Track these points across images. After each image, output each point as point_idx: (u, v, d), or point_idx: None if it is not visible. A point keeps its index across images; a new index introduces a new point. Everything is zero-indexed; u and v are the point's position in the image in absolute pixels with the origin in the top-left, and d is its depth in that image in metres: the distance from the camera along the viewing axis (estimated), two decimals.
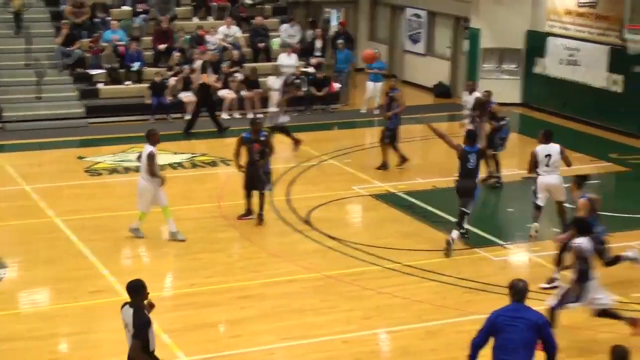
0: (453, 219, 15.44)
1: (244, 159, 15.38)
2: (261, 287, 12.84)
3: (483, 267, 13.79)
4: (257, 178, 15.29)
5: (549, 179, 14.45)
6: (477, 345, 8.58)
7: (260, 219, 15.31)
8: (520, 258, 14.31)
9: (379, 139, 18.75)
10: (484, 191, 17.71)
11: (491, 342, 8.54)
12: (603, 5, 22.28)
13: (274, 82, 21.80)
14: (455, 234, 14.05)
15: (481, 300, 12.32)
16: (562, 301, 10.92)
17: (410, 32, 27.74)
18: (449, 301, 12.40)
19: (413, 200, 16.68)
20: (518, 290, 8.59)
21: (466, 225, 14.28)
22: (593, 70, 22.48)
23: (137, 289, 8.54)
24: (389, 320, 11.84)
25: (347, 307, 12.20)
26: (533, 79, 24.52)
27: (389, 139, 18.55)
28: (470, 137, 14.31)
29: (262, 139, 15.32)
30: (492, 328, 8.49)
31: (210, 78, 21.87)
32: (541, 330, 8.40)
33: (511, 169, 18.71)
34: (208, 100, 21.66)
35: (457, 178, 14.30)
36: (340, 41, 25.29)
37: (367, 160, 19.37)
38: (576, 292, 10.85)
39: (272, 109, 20.57)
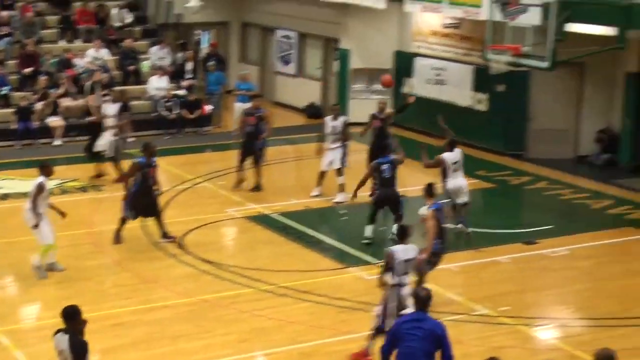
0: (328, 239, 15.62)
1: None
2: (134, 314, 12.63)
3: (357, 285, 13.92)
4: (153, 205, 15.07)
5: (459, 182, 15.58)
6: (385, 352, 8.65)
7: (168, 237, 15.24)
8: None
9: (252, 161, 18.74)
10: (358, 210, 17.98)
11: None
12: (466, 27, 22.92)
13: (109, 109, 19.33)
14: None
15: (356, 320, 12.42)
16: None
17: (281, 54, 27.89)
18: (324, 321, 12.46)
19: (287, 221, 16.74)
20: (420, 299, 8.68)
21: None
22: (459, 89, 23.06)
23: (72, 315, 8.48)
24: (264, 342, 11.81)
25: (223, 331, 12.12)
26: (402, 99, 24.90)
27: (258, 160, 18.55)
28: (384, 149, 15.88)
29: (155, 165, 15.17)
30: (394, 337, 8.58)
31: (96, 100, 21.10)
32: (440, 340, 8.47)
33: None
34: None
35: (375, 189, 15.14)
36: (211, 63, 25.24)
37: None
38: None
39: (108, 135, 18.91)
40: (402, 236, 11.14)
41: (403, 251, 10.96)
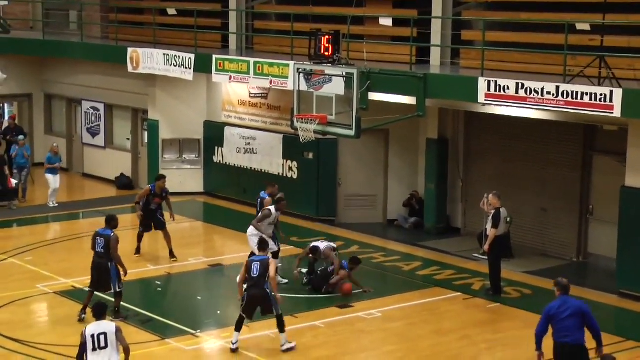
0: (143, 311, 15.39)
1: None
2: None
3: (175, 357, 13.78)
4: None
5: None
6: (539, 334, 11.82)
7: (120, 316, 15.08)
8: (211, 345, 14.46)
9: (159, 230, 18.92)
10: (172, 281, 17.83)
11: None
12: (274, 96, 23.30)
13: None
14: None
15: None
16: None
17: (89, 126, 27.45)
18: None
19: (101, 295, 16.39)
20: (563, 285, 11.84)
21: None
22: (269, 157, 23.34)
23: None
24: None
25: None
26: (213, 168, 24.99)
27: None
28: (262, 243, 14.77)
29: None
30: (548, 320, 11.74)
31: None
32: (585, 316, 11.63)
33: (197, 257, 19.06)
34: None
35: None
36: (21, 137, 24.49)
37: (50, 256, 18.84)
38: None
39: None
40: (95, 314, 11.29)
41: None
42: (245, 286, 13.80)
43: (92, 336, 10.92)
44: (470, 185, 21.43)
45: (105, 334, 10.94)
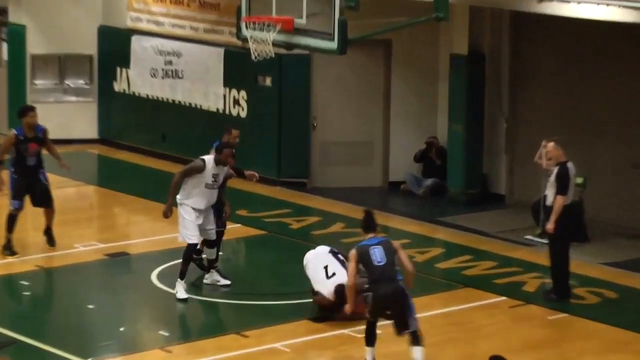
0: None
1: None
2: None
3: None
4: None
5: None
6: None
7: None
8: None
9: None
10: (48, 280, 17.77)
11: None
12: None
13: None
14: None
15: None
16: None
17: None
18: None
19: None
20: None
21: None
22: (203, 84, 23.29)
23: None
24: None
25: None
26: (113, 101, 24.88)
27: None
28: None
29: None
30: None
31: None
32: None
33: (88, 242, 19.23)
34: None
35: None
36: None
37: None
38: None
39: None
40: None
41: None
42: (365, 285, 13.89)
43: None
44: (519, 127, 21.43)
45: None
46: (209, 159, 16.54)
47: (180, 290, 16.33)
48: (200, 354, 14.51)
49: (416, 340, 13.87)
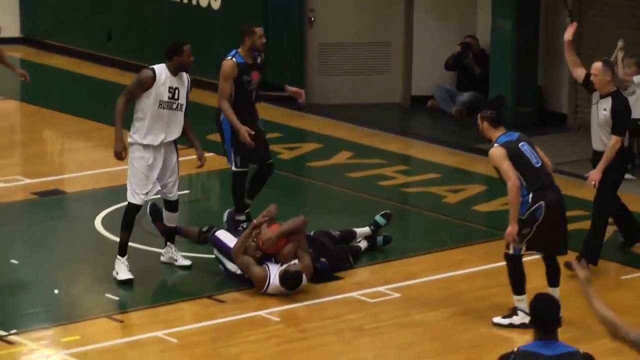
0: None
1: None
2: None
3: None
4: None
5: None
6: None
7: None
8: None
9: None
10: None
11: None
12: None
13: None
14: None
15: None
16: None
17: None
18: None
19: None
20: None
21: None
22: None
23: None
24: None
25: None
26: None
27: None
28: None
29: None
30: None
31: None
32: None
33: (10, 177, 19.48)
34: None
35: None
36: None
37: None
38: None
39: None
40: None
41: None
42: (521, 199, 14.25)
43: None
44: (588, 23, 21.54)
45: None
46: (161, 67, 16.25)
47: (122, 270, 15.86)
48: (160, 324, 14.69)
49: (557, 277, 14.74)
